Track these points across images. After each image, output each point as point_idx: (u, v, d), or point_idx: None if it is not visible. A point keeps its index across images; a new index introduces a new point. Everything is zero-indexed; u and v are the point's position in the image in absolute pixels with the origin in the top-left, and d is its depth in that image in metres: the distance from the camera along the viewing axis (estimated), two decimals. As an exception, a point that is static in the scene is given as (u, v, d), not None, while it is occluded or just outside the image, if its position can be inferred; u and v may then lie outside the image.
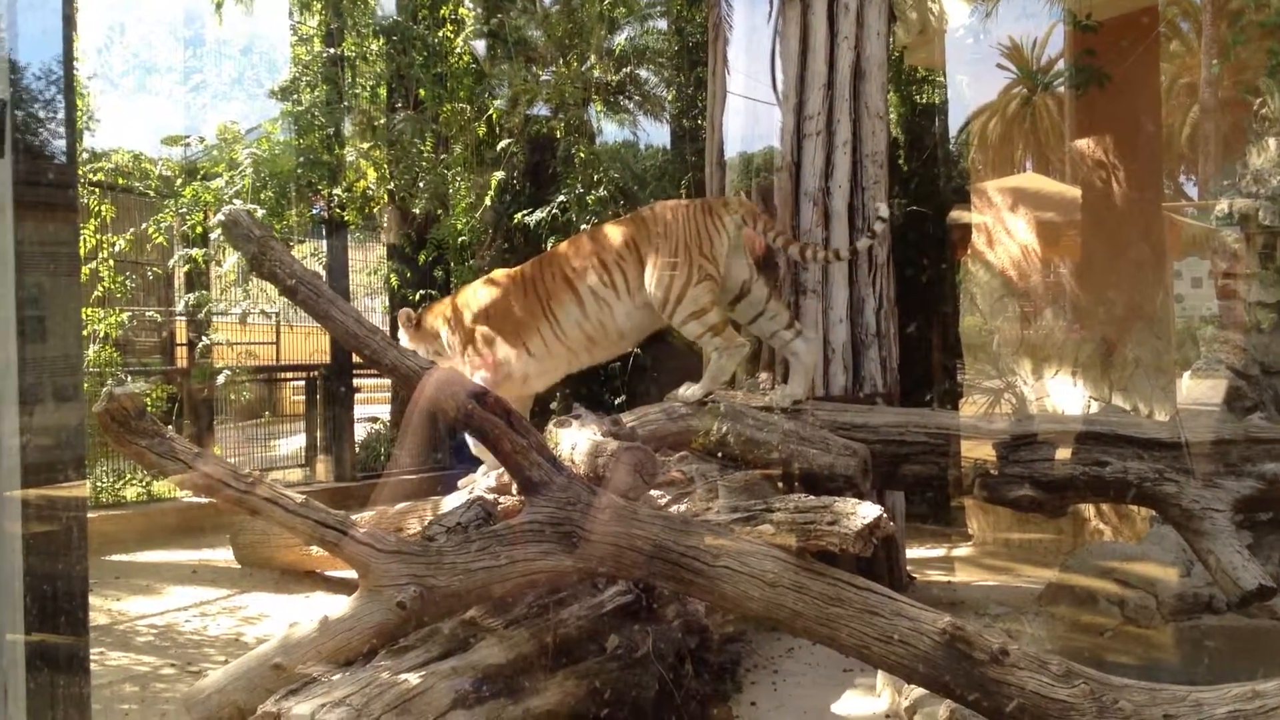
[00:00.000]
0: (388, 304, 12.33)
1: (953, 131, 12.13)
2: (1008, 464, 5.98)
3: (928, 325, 10.57)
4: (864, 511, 3.64)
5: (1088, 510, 8.43)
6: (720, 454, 5.92)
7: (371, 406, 13.80)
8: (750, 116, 7.81)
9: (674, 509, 4.97)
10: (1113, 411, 7.65)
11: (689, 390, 6.33)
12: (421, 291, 11.52)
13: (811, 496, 3.96)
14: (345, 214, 11.92)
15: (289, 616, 5.76)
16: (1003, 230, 10.39)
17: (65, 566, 1.61)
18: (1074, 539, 8.48)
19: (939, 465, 6.25)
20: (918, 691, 4.34)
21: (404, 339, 7.07)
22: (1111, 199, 9.54)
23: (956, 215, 10.70)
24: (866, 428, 6.25)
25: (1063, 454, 5.92)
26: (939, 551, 8.79)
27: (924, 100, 12.08)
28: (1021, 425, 6.32)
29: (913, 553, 7.99)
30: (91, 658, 4.41)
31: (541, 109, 11.73)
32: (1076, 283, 9.88)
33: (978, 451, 6.19)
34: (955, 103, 12.15)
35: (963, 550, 8.88)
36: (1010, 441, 6.05)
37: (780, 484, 5.74)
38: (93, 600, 6.53)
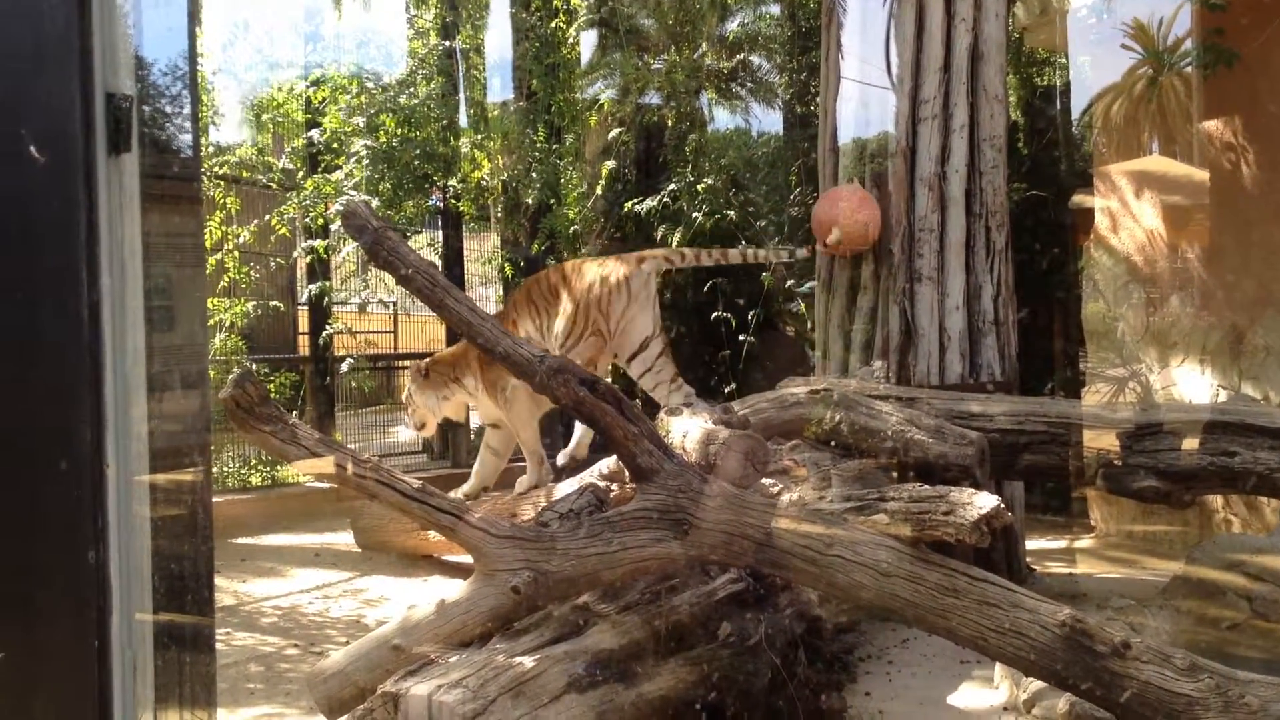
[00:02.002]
0: (502, 293, 12.48)
1: (1075, 114, 11.81)
2: (1132, 454, 5.81)
3: (1048, 312, 10.33)
4: (980, 501, 3.57)
5: (1215, 501, 8.14)
6: (833, 443, 5.86)
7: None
8: (864, 101, 7.68)
9: (786, 498, 4.94)
10: (1242, 400, 7.39)
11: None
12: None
13: (926, 486, 3.89)
14: (460, 204, 12.09)
15: (407, 599, 5.88)
16: (1128, 215, 10.08)
17: (191, 548, 1.66)
18: (1200, 531, 8.21)
19: (1059, 455, 6.09)
20: (1036, 684, 4.25)
21: (411, 389, 7.51)
22: (1240, 182, 9.19)
23: (1079, 200, 10.42)
24: (983, 416, 6.12)
25: (1189, 444, 5.74)
26: (1060, 543, 8.59)
27: (1044, 83, 11.79)
28: (1146, 414, 6.13)
29: (1032, 544, 7.82)
30: (218, 638, 4.56)
31: (653, 97, 11.75)
32: (1204, 268, 9.55)
33: (1100, 441, 6.02)
34: (1077, 85, 11.83)
35: (1084, 542, 8.66)
36: (1134, 431, 5.88)
37: (894, 473, 5.66)
38: (219, 582, 6.75)
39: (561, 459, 7.07)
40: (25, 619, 1.45)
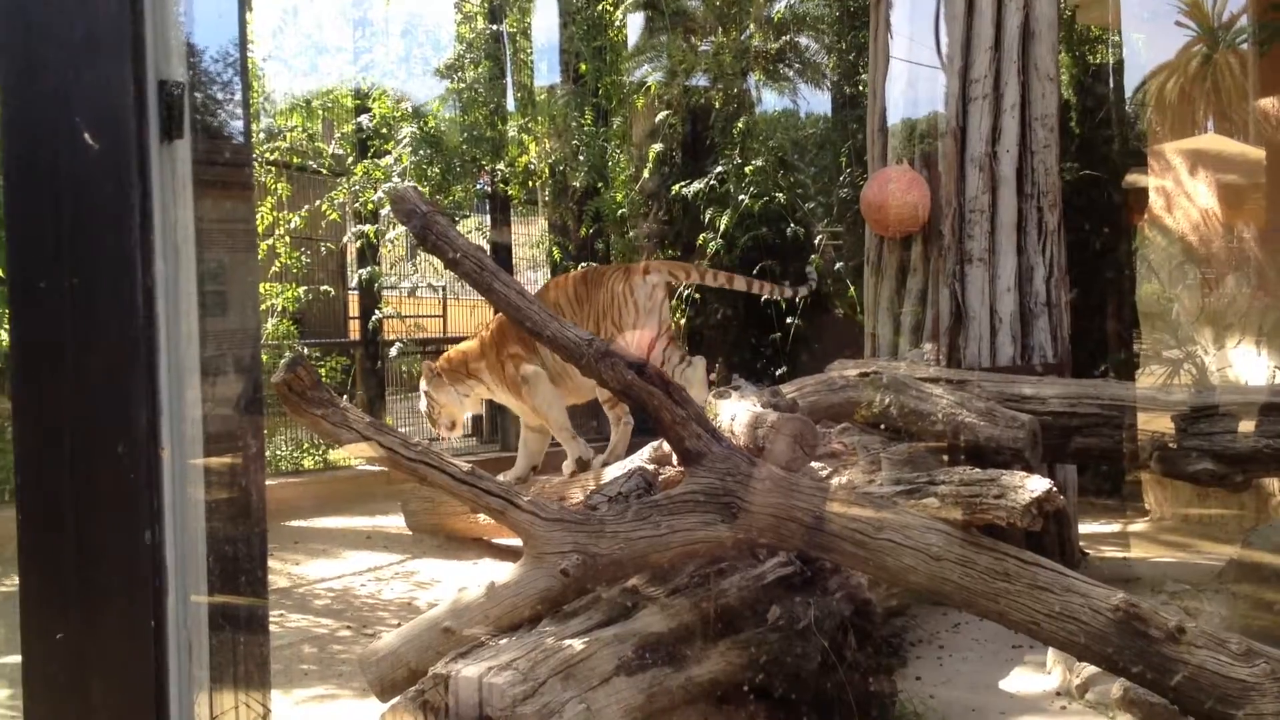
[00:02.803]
0: (550, 277, 12.51)
1: (1128, 92, 11.62)
2: (1187, 437, 5.73)
3: (1101, 293, 10.19)
4: (1032, 485, 3.54)
5: (1272, 484, 8.01)
6: (882, 426, 5.83)
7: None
8: (913, 81, 7.60)
9: (835, 481, 4.92)
10: (1300, 382, 7.26)
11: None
12: (582, 264, 11.63)
13: (977, 469, 3.86)
14: (508, 188, 12.12)
15: (457, 582, 5.92)
16: (1182, 194, 9.92)
17: (245, 530, 1.68)
18: (1257, 515, 8.08)
19: (1113, 438, 6.02)
20: (1089, 669, 4.22)
21: (428, 389, 7.58)
22: (1298, 159, 9.03)
23: (1133, 179, 10.27)
24: (1035, 399, 6.06)
25: (1246, 426, 5.65)
26: (1113, 527, 8.49)
27: (1097, 61, 11.60)
28: (1202, 396, 6.05)
29: (1085, 528, 7.73)
30: (272, 619, 4.62)
31: (700, 79, 11.70)
32: (1261, 248, 9.39)
33: (1155, 424, 5.94)
34: (1130, 62, 11.64)
35: (1139, 526, 8.55)
36: (1190, 413, 5.79)
37: (945, 457, 5.62)
38: (272, 564, 6.84)
39: (598, 463, 7.08)
40: (83, 599, 1.48)
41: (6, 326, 8.09)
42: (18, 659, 4.04)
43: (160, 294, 1.50)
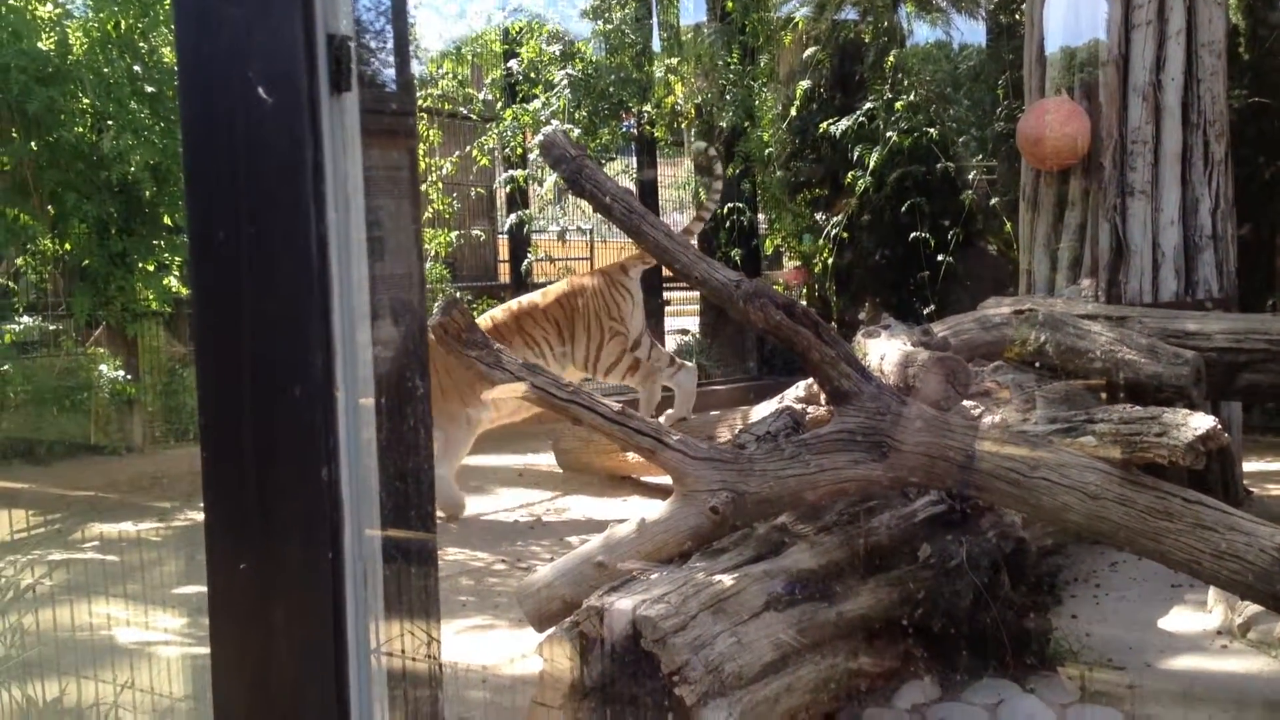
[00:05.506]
0: (696, 216, 12.48)
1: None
2: (1361, 373, 5.47)
3: (1271, 226, 9.71)
4: (1195, 422, 3.46)
5: None
6: (1037, 364, 5.70)
7: (681, 319, 14.11)
8: (1073, 8, 7.31)
9: (988, 420, 4.85)
10: None
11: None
12: (729, 204, 11.58)
13: (1138, 407, 3.77)
14: (654, 130, 12.11)
15: (607, 518, 6.04)
16: (1363, 119, 9.36)
17: (414, 466, 1.75)
18: None
19: (1281, 374, 5.78)
20: (1252, 608, 4.11)
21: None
22: None
23: (1308, 105, 9.71)
24: (1200, 335, 5.84)
25: None
26: (1280, 466, 8.17)
27: (1268, -19, 10.96)
28: (1380, 332, 5.74)
29: (1250, 466, 7.46)
30: (434, 552, 4.78)
31: (849, 13, 11.46)
32: None
33: (1326, 360, 5.67)
34: (1304, -18, 10.95)
35: (1308, 464, 8.21)
36: (1365, 349, 5.52)
37: (1103, 395, 5.48)
38: (432, 499, 7.05)
39: (664, 420, 7.03)
40: (266, 532, 1.57)
41: (176, 274, 8.50)
42: (190, 589, 4.29)
43: (333, 242, 1.57)
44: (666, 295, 12.84)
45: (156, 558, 5.07)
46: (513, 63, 11.51)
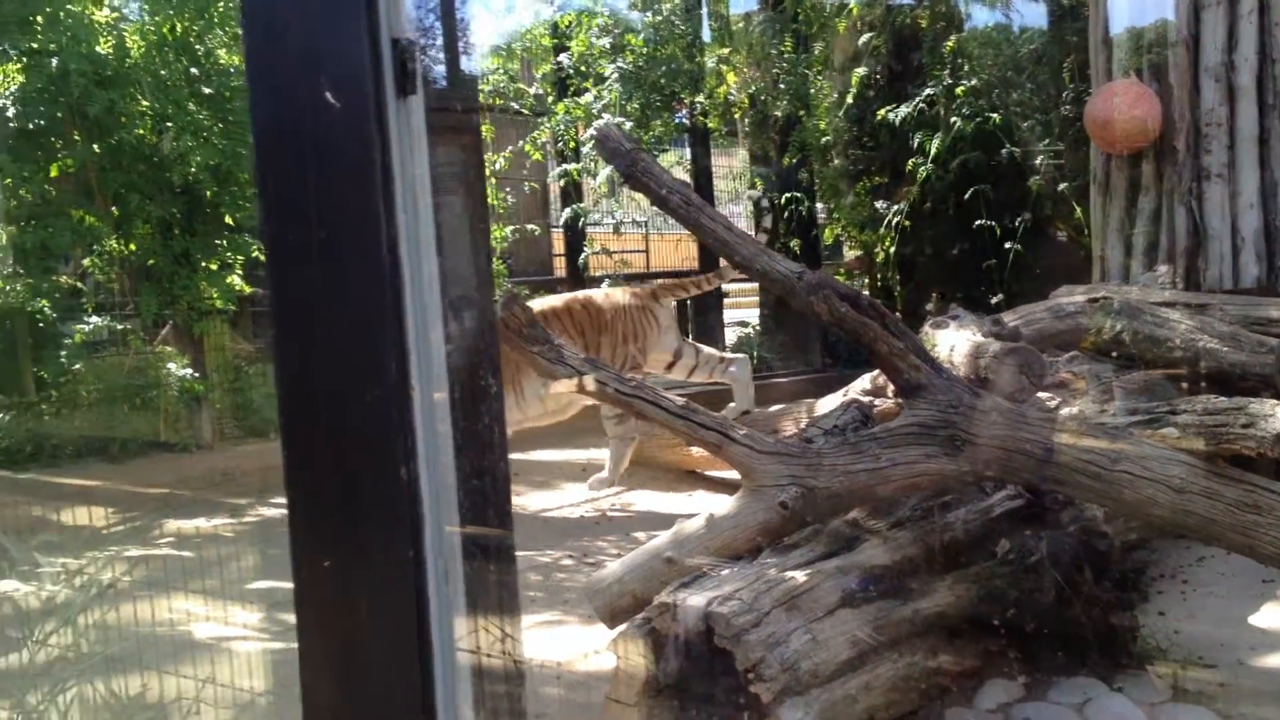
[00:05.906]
0: (752, 209, 12.43)
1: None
2: None
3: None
4: (1284, 413, 3.36)
5: None
6: (1114, 354, 5.59)
7: (740, 311, 14.06)
8: (1138, -14, 7.18)
9: (1065, 411, 4.76)
10: None
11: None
12: (786, 194, 11.50)
13: (1222, 398, 3.67)
14: (707, 120, 12.05)
15: (673, 513, 6.01)
16: None
17: (490, 463, 1.75)
18: None
19: (1372, 362, 5.62)
20: (1345, 605, 4.00)
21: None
22: None
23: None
24: (1285, 322, 5.70)
25: None
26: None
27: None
28: None
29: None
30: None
31: (904, -1, 11.33)
32: None
33: None
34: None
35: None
36: None
37: (1184, 385, 5.36)
38: (496, 496, 7.07)
39: (727, 414, 7.01)
40: (350, 530, 1.58)
41: (239, 273, 8.60)
42: (265, 584, 4.32)
43: (403, 243, 1.57)
44: (725, 288, 12.79)
45: (231, 553, 5.13)
46: (563, 56, 11.50)
